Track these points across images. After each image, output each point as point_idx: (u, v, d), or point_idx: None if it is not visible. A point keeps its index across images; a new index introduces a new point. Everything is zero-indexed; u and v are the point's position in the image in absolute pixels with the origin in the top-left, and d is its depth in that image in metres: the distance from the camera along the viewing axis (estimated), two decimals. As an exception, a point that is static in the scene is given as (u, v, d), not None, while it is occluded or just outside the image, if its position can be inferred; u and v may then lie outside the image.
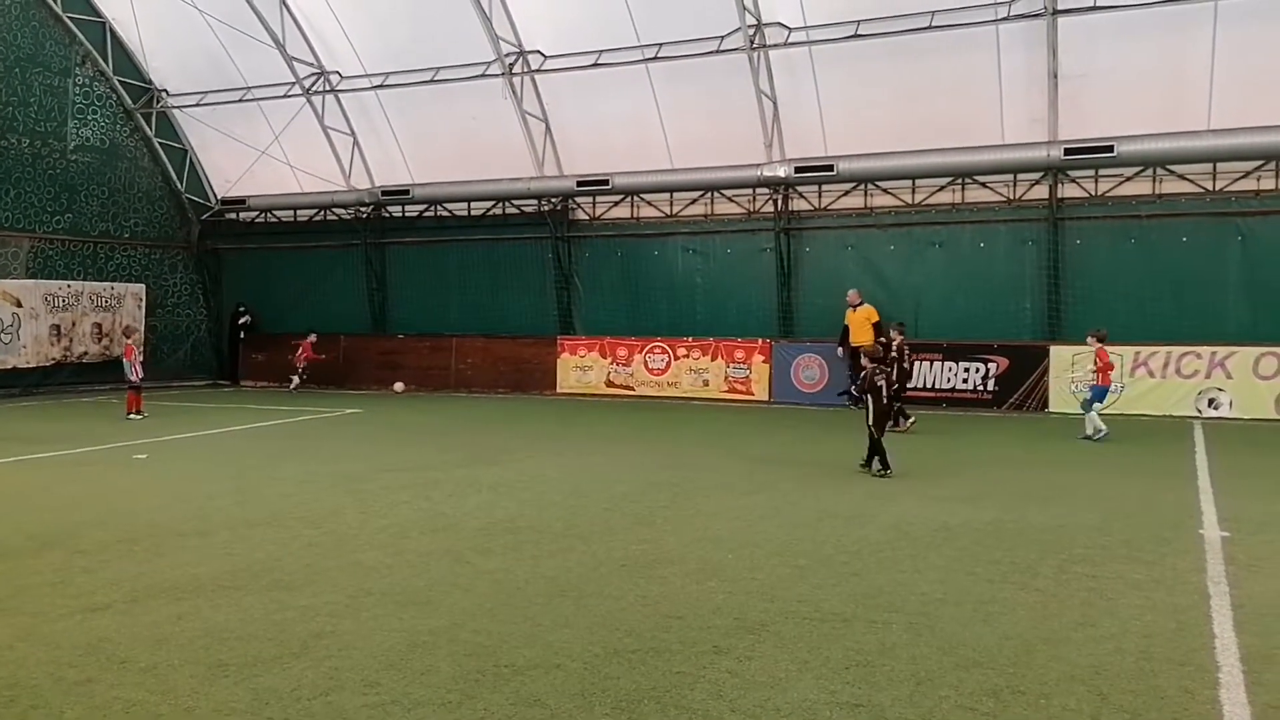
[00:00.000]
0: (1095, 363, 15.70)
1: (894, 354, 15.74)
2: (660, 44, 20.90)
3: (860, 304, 20.00)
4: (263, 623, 5.99)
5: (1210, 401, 18.14)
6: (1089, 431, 15.28)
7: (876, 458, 11.50)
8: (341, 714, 4.66)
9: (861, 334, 19.61)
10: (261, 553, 7.82)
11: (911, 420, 16.23)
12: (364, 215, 25.88)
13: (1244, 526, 8.76)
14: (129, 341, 19.29)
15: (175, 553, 7.82)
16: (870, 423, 11.60)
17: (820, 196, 21.76)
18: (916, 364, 18.78)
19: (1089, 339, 16.13)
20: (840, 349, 20.23)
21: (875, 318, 19.68)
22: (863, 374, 12.10)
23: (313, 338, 24.79)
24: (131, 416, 17.84)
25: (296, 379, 24.65)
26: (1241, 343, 18.04)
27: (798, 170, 20.81)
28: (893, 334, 16.69)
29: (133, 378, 18.40)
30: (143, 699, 4.83)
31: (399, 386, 24.54)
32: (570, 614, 6.19)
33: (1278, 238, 18.35)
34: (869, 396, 11.73)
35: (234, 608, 6.30)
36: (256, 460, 13.15)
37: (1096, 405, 15.57)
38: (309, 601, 6.44)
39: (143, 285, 25.73)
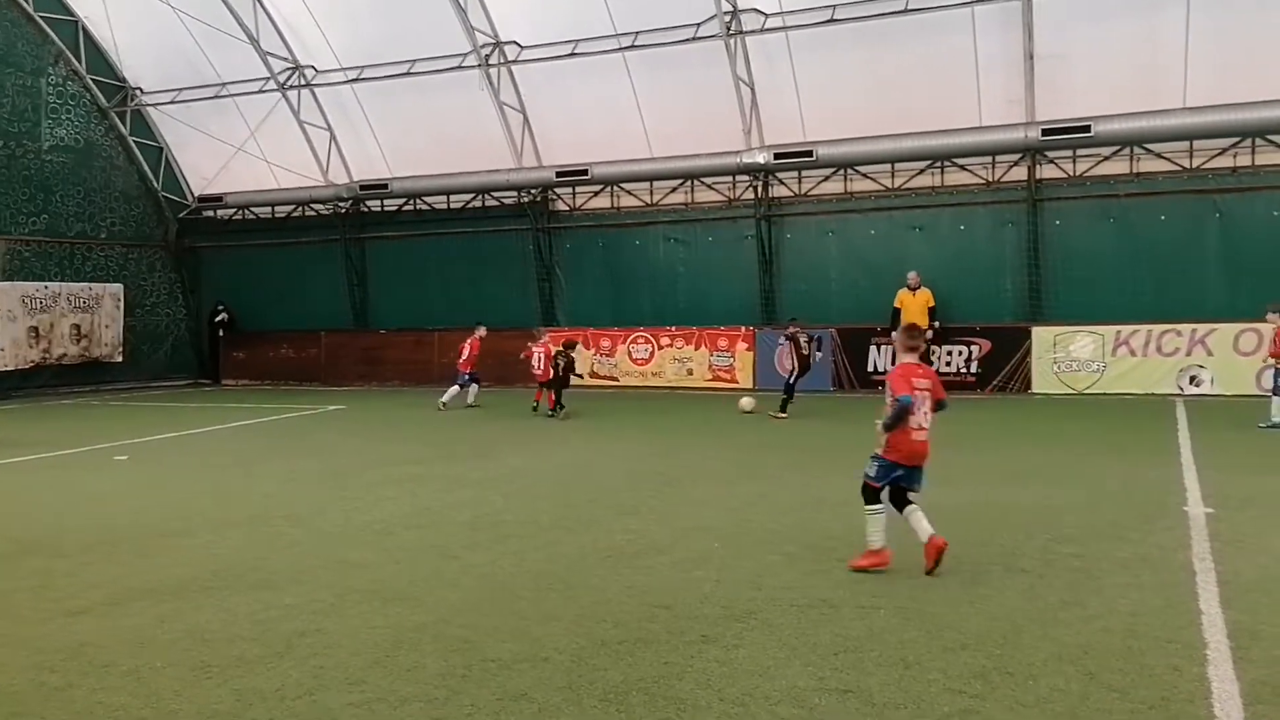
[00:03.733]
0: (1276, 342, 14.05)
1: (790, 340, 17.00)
2: (636, 32, 20.81)
3: (919, 287, 19.65)
4: (246, 623, 5.94)
5: (1192, 379, 18.21)
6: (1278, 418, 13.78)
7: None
8: (327, 713, 4.62)
9: (917, 319, 19.21)
10: (245, 552, 7.75)
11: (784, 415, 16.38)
12: (343, 210, 25.69)
13: (1228, 503, 8.79)
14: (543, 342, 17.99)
15: (157, 554, 7.75)
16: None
17: (800, 182, 21.72)
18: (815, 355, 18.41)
19: (1270, 314, 14.20)
20: (893, 334, 19.69)
21: (932, 303, 19.50)
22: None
23: (481, 331, 19.60)
24: (551, 414, 17.12)
25: (475, 386, 19.38)
26: (1221, 319, 18.09)
27: (777, 156, 20.77)
28: (791, 329, 17.37)
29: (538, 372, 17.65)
30: (125, 703, 4.78)
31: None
32: (557, 607, 6.16)
33: (1255, 214, 18.42)
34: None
35: (217, 608, 6.24)
36: (239, 459, 13.04)
37: None
38: (293, 600, 6.39)
39: (120, 285, 25.50)
